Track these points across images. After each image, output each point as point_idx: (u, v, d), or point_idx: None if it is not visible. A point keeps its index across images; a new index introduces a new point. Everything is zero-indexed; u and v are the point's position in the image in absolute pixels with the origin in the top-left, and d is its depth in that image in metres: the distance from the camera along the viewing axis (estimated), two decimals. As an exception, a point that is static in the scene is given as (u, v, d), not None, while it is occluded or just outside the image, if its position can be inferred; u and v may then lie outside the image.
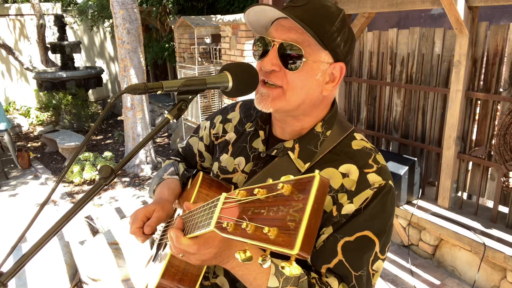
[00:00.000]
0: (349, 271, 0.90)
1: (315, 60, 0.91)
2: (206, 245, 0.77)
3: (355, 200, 0.91)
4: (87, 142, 0.78)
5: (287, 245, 0.49)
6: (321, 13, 0.90)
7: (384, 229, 0.92)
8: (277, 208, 0.54)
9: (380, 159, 0.97)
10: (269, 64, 0.91)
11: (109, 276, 3.08)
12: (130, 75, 5.51)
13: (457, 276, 3.10)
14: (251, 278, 0.84)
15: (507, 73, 2.82)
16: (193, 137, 1.31)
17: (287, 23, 0.90)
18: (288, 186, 0.54)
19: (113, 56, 11.70)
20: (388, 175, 0.95)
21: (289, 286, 0.83)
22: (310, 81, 0.92)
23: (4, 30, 9.99)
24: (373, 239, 0.91)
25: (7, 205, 4.96)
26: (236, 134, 1.15)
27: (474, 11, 2.83)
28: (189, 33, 6.84)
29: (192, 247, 0.77)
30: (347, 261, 0.90)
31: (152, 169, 5.91)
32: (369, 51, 3.76)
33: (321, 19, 0.89)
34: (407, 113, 3.59)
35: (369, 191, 0.91)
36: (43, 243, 0.72)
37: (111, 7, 5.35)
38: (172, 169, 1.22)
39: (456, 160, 3.15)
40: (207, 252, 0.78)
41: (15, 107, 10.24)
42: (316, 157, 0.96)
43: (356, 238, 0.90)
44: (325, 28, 0.89)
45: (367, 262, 0.91)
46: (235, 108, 1.21)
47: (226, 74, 0.88)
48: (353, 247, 0.90)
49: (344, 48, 0.94)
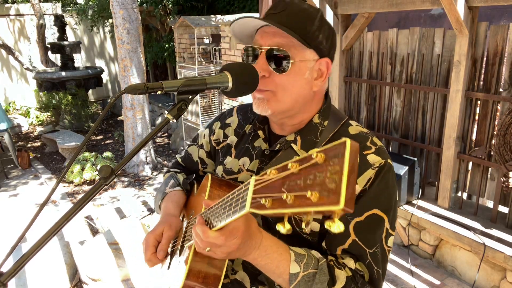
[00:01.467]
0: (363, 249, 0.94)
1: (301, 59, 0.96)
2: (231, 235, 0.79)
3: (359, 181, 0.94)
4: (87, 142, 0.78)
5: (332, 202, 0.51)
6: (300, 15, 0.95)
7: (390, 205, 0.97)
8: (314, 176, 0.55)
9: (377, 141, 1.01)
10: (260, 70, 0.94)
11: (109, 276, 3.08)
12: (130, 75, 5.51)
13: (457, 276, 3.10)
14: (273, 266, 0.87)
15: (507, 73, 2.82)
16: (191, 146, 1.35)
17: (270, 30, 0.96)
18: (321, 154, 0.55)
19: (113, 56, 11.70)
20: (386, 155, 0.99)
21: (310, 269, 0.87)
22: (299, 80, 0.97)
23: (4, 30, 9.99)
24: (382, 216, 0.95)
25: (7, 205, 4.96)
26: (237, 137, 1.19)
27: (474, 11, 2.83)
28: (189, 33, 6.84)
29: (219, 239, 0.79)
30: (360, 240, 0.94)
31: (152, 169, 5.91)
32: (369, 51, 3.76)
33: (301, 21, 0.95)
34: (407, 113, 3.59)
35: (371, 170, 0.95)
36: (43, 243, 0.72)
37: (111, 7, 5.34)
38: (172, 182, 1.27)
39: (456, 160, 3.15)
40: (233, 243, 0.80)
41: (15, 107, 10.25)
42: (317, 146, 1.00)
43: (366, 217, 0.94)
44: (306, 28, 0.94)
45: (380, 239, 0.96)
46: (232, 113, 1.25)
47: (226, 74, 0.88)
48: (364, 226, 0.94)
49: (326, 44, 0.99)
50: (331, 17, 3.77)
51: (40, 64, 9.71)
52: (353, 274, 0.93)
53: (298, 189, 0.57)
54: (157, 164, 6.08)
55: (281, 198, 0.59)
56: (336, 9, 3.77)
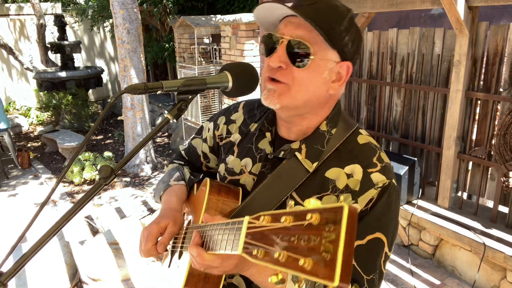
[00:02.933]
0: (361, 275, 0.90)
1: (322, 58, 0.91)
2: (228, 259, 0.79)
3: (360, 200, 0.91)
4: (87, 142, 0.78)
5: (326, 277, 0.49)
6: (329, 12, 0.90)
7: (391, 228, 0.93)
8: (308, 238, 0.53)
9: (384, 157, 0.97)
10: (277, 61, 0.90)
11: (109, 276, 3.08)
12: (130, 75, 5.51)
13: (457, 276, 3.10)
14: (270, 285, 0.85)
15: (507, 73, 2.82)
16: (195, 138, 1.29)
17: (296, 20, 0.90)
18: (316, 215, 0.53)
19: (113, 56, 11.70)
20: (391, 174, 0.95)
21: None
22: (317, 79, 0.92)
23: (4, 30, 9.99)
24: (383, 240, 0.91)
25: (7, 205, 4.96)
26: (241, 135, 1.14)
27: (474, 11, 2.83)
28: (189, 33, 6.84)
29: (215, 262, 0.79)
30: (359, 266, 0.90)
31: (152, 169, 5.91)
32: (369, 51, 3.76)
33: (329, 18, 0.89)
34: (407, 113, 3.59)
35: (373, 190, 0.91)
36: (43, 243, 0.72)
37: (111, 7, 5.35)
38: (177, 174, 1.21)
39: (456, 160, 3.15)
40: (229, 264, 0.80)
41: (15, 107, 10.25)
42: (323, 155, 0.96)
43: (368, 242, 0.90)
44: (333, 27, 0.89)
45: (379, 265, 0.92)
46: (238, 109, 1.20)
47: (226, 74, 0.88)
48: (365, 252, 0.90)
49: (351, 48, 0.94)
50: (331, 17, 3.76)
51: (40, 64, 9.71)
52: None
53: (292, 248, 0.54)
54: (157, 164, 6.08)
55: (274, 255, 0.56)
56: (336, 9, 3.76)
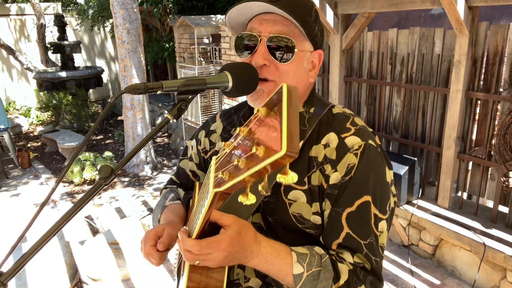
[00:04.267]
0: (358, 241, 0.92)
1: (301, 49, 0.95)
2: (209, 248, 0.78)
3: (339, 168, 0.93)
4: (87, 142, 0.78)
5: (275, 151, 0.48)
6: (299, 4, 0.93)
7: (377, 189, 0.93)
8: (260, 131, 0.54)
9: (359, 121, 0.99)
10: (261, 59, 0.92)
11: (109, 276, 3.08)
12: (130, 75, 5.51)
13: (457, 276, 3.10)
14: (276, 271, 0.87)
15: (507, 73, 2.82)
16: (182, 160, 1.30)
17: (270, 17, 0.92)
18: (263, 108, 0.54)
19: (113, 56, 11.70)
20: (367, 135, 0.96)
21: (314, 268, 0.86)
22: (300, 70, 0.96)
23: (5, 30, 9.99)
24: (370, 201, 0.93)
25: (7, 205, 4.95)
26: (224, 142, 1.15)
27: (474, 11, 2.83)
28: (189, 33, 6.84)
29: (194, 248, 0.79)
30: (354, 233, 0.92)
31: (152, 169, 5.91)
32: (369, 51, 3.76)
33: (301, 11, 0.92)
34: (407, 113, 3.59)
35: (350, 154, 0.92)
36: (43, 243, 0.72)
37: (111, 7, 5.34)
38: (172, 195, 1.21)
39: (456, 160, 3.15)
40: (216, 255, 0.79)
41: (15, 107, 10.25)
42: (306, 133, 0.98)
43: (358, 207, 0.92)
44: (305, 19, 0.92)
45: (372, 228, 0.93)
46: (215, 119, 1.22)
47: (226, 74, 0.88)
48: (356, 217, 0.92)
49: (320, 37, 0.99)
50: (331, 17, 3.76)
51: (40, 64, 9.71)
52: (354, 267, 0.92)
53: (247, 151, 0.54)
54: (157, 164, 6.08)
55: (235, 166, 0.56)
56: (336, 9, 3.77)
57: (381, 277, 0.95)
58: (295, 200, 0.97)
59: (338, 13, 3.78)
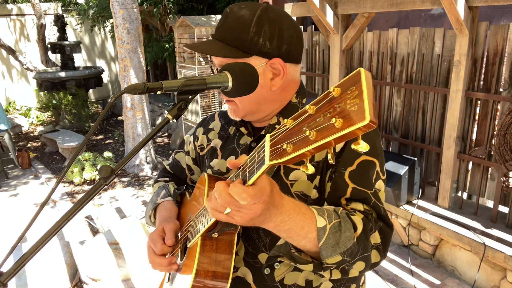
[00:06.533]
0: (365, 192, 0.97)
1: None
2: (257, 196, 0.73)
3: None
4: (87, 142, 0.78)
5: (358, 120, 0.51)
6: (236, 25, 0.97)
7: (375, 149, 1.00)
8: (333, 109, 0.56)
9: None
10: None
11: (109, 276, 3.08)
12: (130, 75, 5.51)
13: (457, 276, 3.10)
14: (298, 228, 0.84)
15: (507, 73, 2.82)
16: (178, 152, 1.34)
17: None
18: (337, 88, 0.56)
19: (113, 56, 11.70)
20: None
21: (334, 220, 0.87)
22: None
23: (5, 30, 9.99)
24: (372, 160, 0.99)
25: (7, 205, 4.96)
26: (221, 139, 1.20)
27: (474, 11, 2.83)
28: (189, 33, 6.84)
29: (243, 195, 0.72)
30: (359, 185, 0.98)
31: (152, 169, 5.91)
32: (369, 51, 3.76)
33: (237, 32, 0.97)
34: (407, 113, 3.59)
35: None
36: (43, 243, 0.72)
37: (111, 7, 5.34)
38: (163, 192, 1.27)
39: (456, 160, 3.15)
40: (256, 206, 0.74)
41: (15, 107, 10.25)
42: None
43: (358, 165, 0.98)
44: (243, 38, 0.96)
45: (373, 183, 0.99)
46: (214, 118, 1.27)
47: (226, 74, 0.88)
48: (359, 173, 0.98)
49: (271, 45, 0.98)
50: (331, 17, 3.77)
51: (40, 64, 9.70)
52: (365, 214, 0.94)
53: (320, 124, 0.56)
54: (157, 164, 6.08)
55: (303, 137, 0.58)
56: (336, 9, 3.77)
57: (391, 223, 0.99)
58: (296, 180, 1.01)
59: (338, 13, 3.78)
